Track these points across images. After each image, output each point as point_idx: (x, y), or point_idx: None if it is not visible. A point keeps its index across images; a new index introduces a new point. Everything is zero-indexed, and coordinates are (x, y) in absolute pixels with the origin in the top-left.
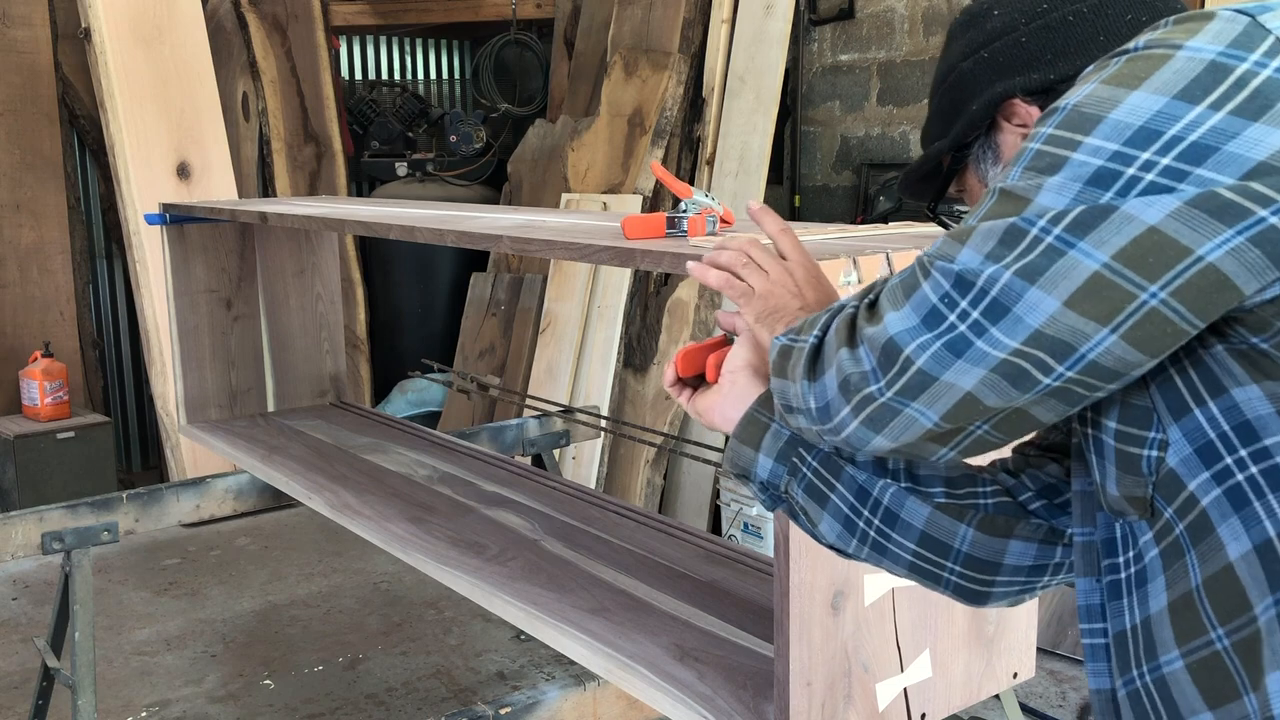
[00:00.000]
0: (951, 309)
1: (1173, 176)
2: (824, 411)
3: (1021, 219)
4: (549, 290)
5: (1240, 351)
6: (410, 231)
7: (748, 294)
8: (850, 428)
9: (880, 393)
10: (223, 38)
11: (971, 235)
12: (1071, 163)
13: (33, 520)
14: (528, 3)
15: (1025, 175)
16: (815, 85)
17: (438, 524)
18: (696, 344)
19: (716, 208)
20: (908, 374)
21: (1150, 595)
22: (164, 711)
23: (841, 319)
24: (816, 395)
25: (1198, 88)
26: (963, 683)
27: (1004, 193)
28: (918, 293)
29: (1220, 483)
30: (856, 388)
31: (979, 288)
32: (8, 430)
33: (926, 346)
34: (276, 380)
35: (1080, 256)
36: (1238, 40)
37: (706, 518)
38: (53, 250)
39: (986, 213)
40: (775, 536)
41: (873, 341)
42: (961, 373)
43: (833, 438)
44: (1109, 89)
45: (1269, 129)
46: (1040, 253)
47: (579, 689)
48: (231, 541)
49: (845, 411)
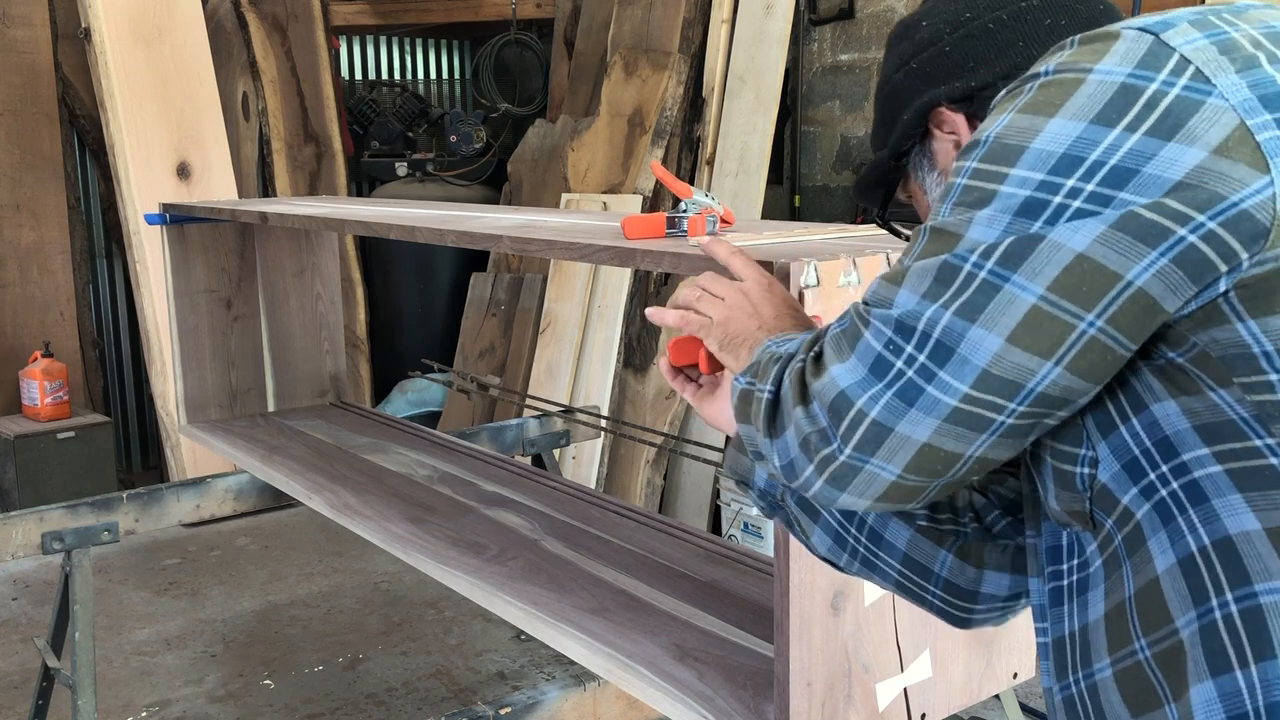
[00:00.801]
0: (897, 355)
1: (1098, 202)
2: (789, 470)
3: (953, 255)
4: (549, 290)
5: (1159, 368)
6: (410, 231)
7: (706, 325)
8: (816, 486)
9: (839, 451)
10: (223, 38)
11: (906, 276)
12: (1000, 195)
13: (33, 520)
14: (528, 3)
15: (955, 211)
16: (815, 85)
17: (438, 524)
18: (687, 335)
19: (716, 208)
20: (861, 428)
21: (1090, 604)
22: (164, 711)
23: (792, 373)
24: (780, 453)
25: (1112, 111)
26: (963, 683)
27: (935, 230)
28: (860, 342)
29: (1148, 498)
30: (816, 448)
31: (921, 331)
32: (8, 430)
33: (878, 398)
34: (276, 380)
35: (1017, 290)
36: (1144, 60)
37: (706, 518)
38: (53, 250)
39: (920, 252)
40: (775, 536)
41: (822, 398)
42: (916, 423)
43: (803, 493)
44: (1027, 118)
45: (1182, 147)
46: (976, 289)
47: (579, 689)
48: (231, 541)
49: (809, 471)
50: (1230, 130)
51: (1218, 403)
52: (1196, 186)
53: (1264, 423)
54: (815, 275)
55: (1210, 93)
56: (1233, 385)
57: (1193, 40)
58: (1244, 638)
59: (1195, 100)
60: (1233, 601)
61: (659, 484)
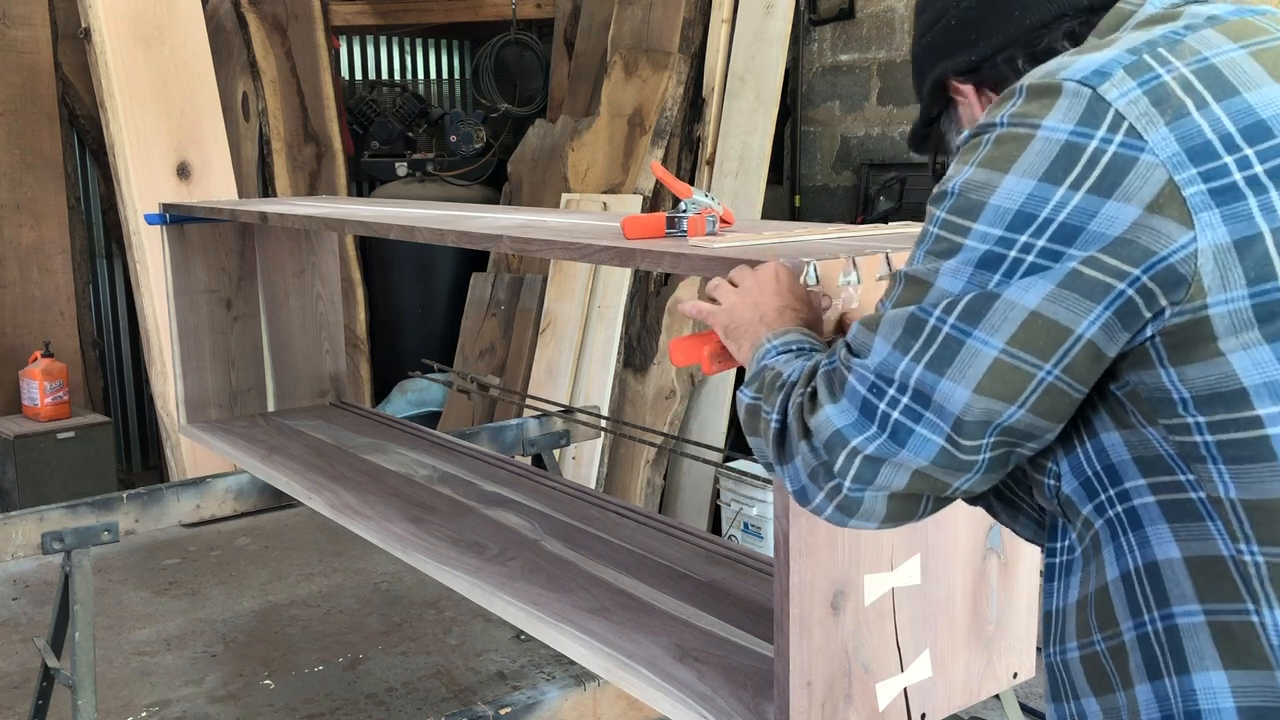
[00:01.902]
0: (880, 398)
1: (1049, 257)
2: (801, 495)
3: (919, 309)
4: (549, 290)
5: (1106, 399)
6: (410, 231)
7: (714, 312)
8: (827, 512)
9: (842, 485)
10: (223, 38)
11: (880, 325)
12: (964, 248)
13: (33, 520)
14: (528, 3)
15: (925, 259)
16: (815, 85)
17: (438, 524)
18: (690, 335)
19: (716, 208)
20: (856, 464)
21: (1070, 588)
22: (164, 711)
23: (794, 407)
24: (790, 479)
25: (1058, 169)
26: (963, 683)
27: (908, 278)
28: (848, 385)
29: (1100, 515)
30: (824, 480)
31: (898, 382)
32: (8, 430)
33: (872, 439)
34: (276, 380)
35: (979, 345)
36: (1084, 117)
37: (706, 518)
38: (53, 250)
39: (896, 299)
40: (775, 536)
41: (819, 435)
42: (908, 460)
43: (817, 516)
44: (985, 173)
45: (1120, 205)
46: (941, 343)
47: (579, 689)
48: (231, 541)
49: (820, 498)
50: (1160, 187)
51: (1149, 438)
52: (1132, 242)
53: (1185, 460)
54: (815, 275)
55: (1143, 149)
56: (1158, 424)
57: (1127, 93)
58: (1168, 652)
59: (1130, 157)
60: (1159, 619)
61: (659, 484)
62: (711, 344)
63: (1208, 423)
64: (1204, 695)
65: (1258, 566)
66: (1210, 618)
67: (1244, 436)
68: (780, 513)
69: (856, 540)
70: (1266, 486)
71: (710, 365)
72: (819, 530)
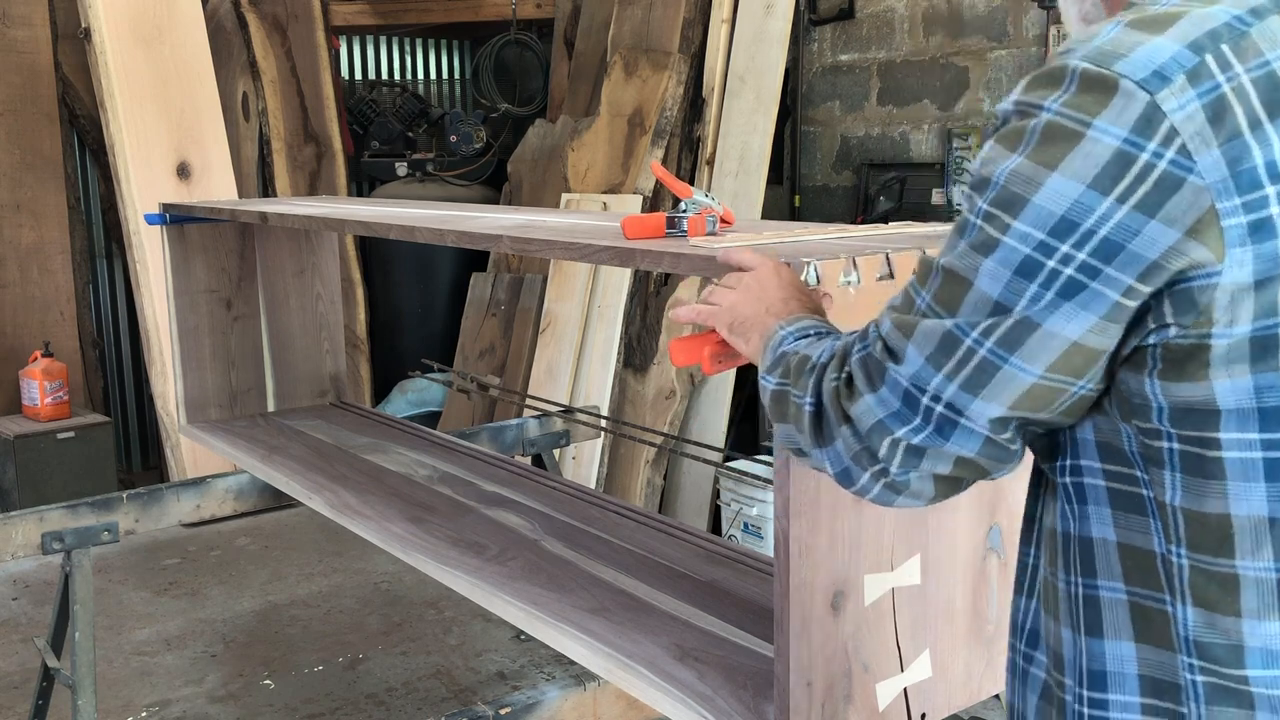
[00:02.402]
0: (922, 395)
1: (1087, 273)
2: (844, 476)
3: (956, 327)
4: (549, 290)
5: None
6: (410, 231)
7: (715, 312)
8: (874, 492)
9: (888, 469)
10: (223, 38)
11: (915, 332)
12: (1003, 246)
13: (33, 520)
14: (528, 3)
15: (966, 254)
16: (815, 85)
17: (438, 524)
18: (690, 335)
19: (716, 208)
20: (901, 451)
21: (1048, 510)
22: (164, 711)
23: (828, 392)
24: (831, 461)
25: (1106, 178)
26: (963, 683)
27: (946, 272)
28: (887, 378)
29: (1054, 474)
30: (868, 464)
31: (932, 394)
32: (8, 430)
33: (917, 430)
34: (276, 380)
35: (1016, 370)
36: (1138, 126)
37: (706, 518)
38: (53, 250)
39: (935, 296)
40: (775, 536)
41: (861, 423)
42: (952, 450)
43: (861, 496)
44: (1031, 166)
45: (1162, 227)
46: (976, 366)
47: (579, 689)
48: (231, 541)
49: (865, 479)
50: (1202, 213)
51: (1120, 430)
52: (1165, 266)
53: (1145, 461)
54: (815, 275)
55: (1191, 169)
56: (1131, 423)
57: (1185, 105)
58: (1081, 616)
59: (1178, 177)
60: (1081, 585)
61: (659, 484)
62: (712, 344)
63: (1177, 434)
64: (1112, 659)
65: (1181, 569)
66: (1131, 598)
67: (1204, 454)
68: (780, 513)
69: (856, 540)
70: (1209, 502)
71: (710, 365)
72: (819, 530)
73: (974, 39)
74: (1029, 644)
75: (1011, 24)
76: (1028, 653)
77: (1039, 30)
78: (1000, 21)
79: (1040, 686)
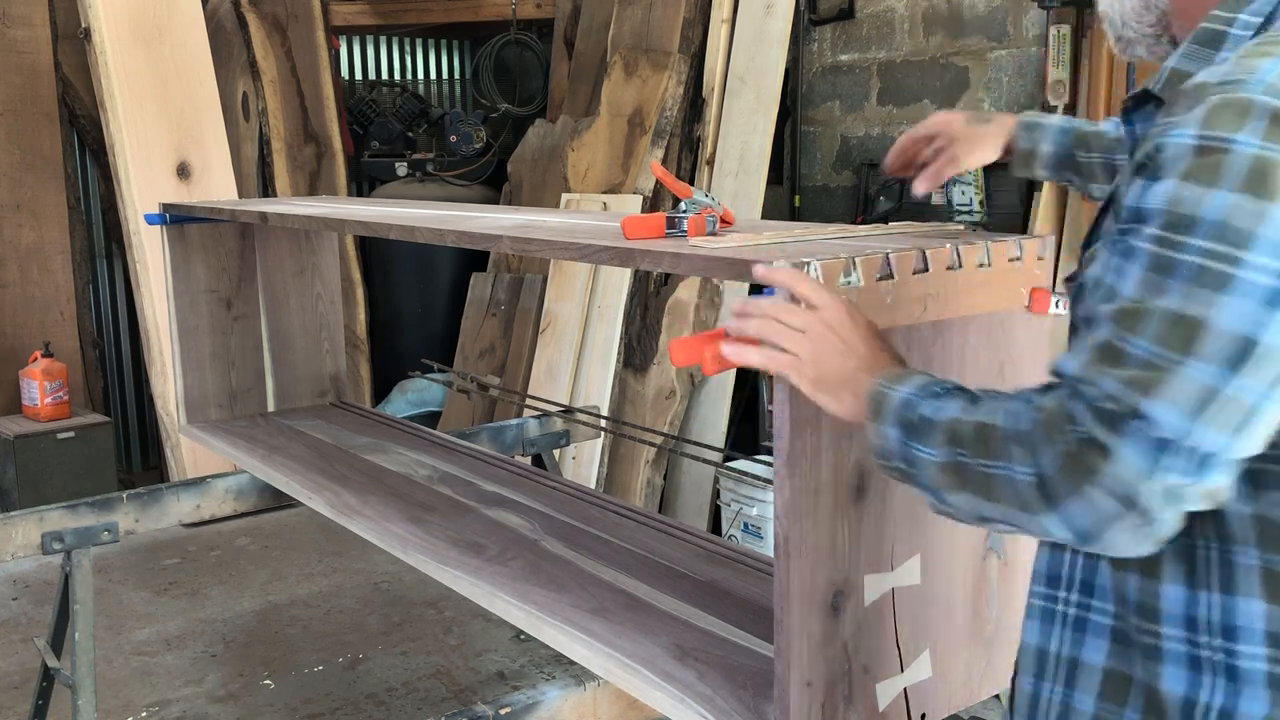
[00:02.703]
0: (1183, 441)
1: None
2: (1087, 536)
3: (1203, 371)
4: (549, 290)
5: None
6: (410, 231)
7: (795, 364)
8: (1122, 542)
9: (1150, 519)
10: (223, 38)
11: (1159, 384)
12: (1240, 281)
13: (33, 520)
14: (528, 3)
15: (1191, 295)
16: (815, 85)
17: (438, 524)
18: (690, 335)
19: (716, 208)
20: (1162, 500)
21: None
22: (164, 711)
23: (1062, 457)
24: (1068, 523)
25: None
26: (963, 683)
27: (1171, 316)
28: (1143, 435)
29: None
30: (1127, 519)
31: (1193, 440)
32: (8, 430)
33: (1183, 475)
34: (276, 380)
35: (1273, 404)
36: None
37: (706, 518)
38: (53, 250)
39: (1158, 340)
40: (775, 536)
41: (1118, 485)
42: (1210, 485)
43: (1106, 551)
44: (1251, 200)
45: None
46: (1235, 405)
47: (579, 689)
48: (231, 541)
49: (1117, 533)
50: None
51: None
52: None
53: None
54: (817, 275)
55: None
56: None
57: None
58: (1215, 575)
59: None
60: (1215, 549)
61: (659, 484)
62: (715, 348)
63: None
64: (1243, 615)
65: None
66: (1263, 564)
67: None
68: (780, 513)
69: (856, 540)
70: None
71: (711, 366)
72: (819, 530)
73: (974, 39)
74: (1083, 593)
75: (1011, 24)
76: (1083, 601)
77: (1039, 30)
78: (1000, 21)
79: (1109, 632)
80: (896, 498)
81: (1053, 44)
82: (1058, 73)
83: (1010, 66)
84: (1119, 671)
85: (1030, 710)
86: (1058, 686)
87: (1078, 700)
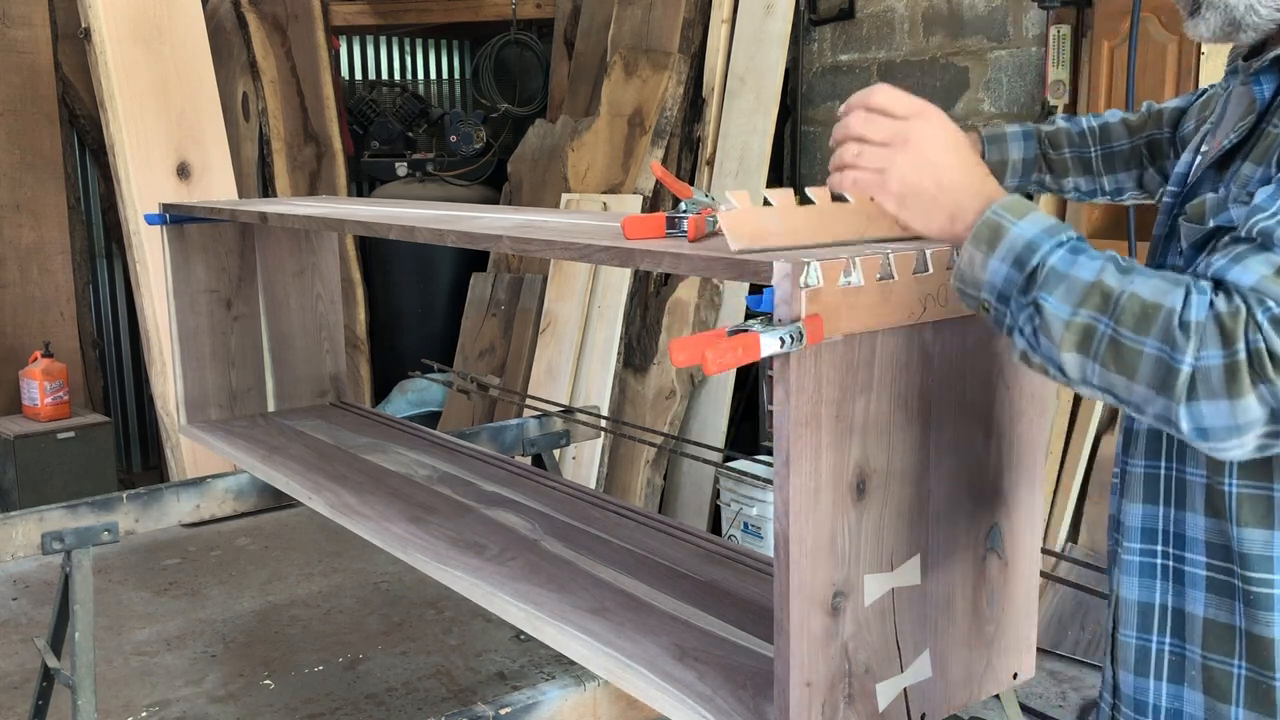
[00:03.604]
0: None
1: None
2: (1204, 433)
3: None
4: (549, 290)
5: None
6: (410, 231)
7: (878, 181)
8: (1249, 448)
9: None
10: (223, 38)
11: None
12: None
13: (33, 520)
14: (528, 3)
15: None
16: (815, 85)
17: (438, 524)
18: (691, 335)
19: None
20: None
21: None
22: (164, 711)
23: (1242, 356)
24: (1197, 416)
25: None
26: (963, 683)
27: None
28: None
29: None
30: (1268, 430)
31: None
32: (8, 430)
33: None
34: (276, 380)
35: None
36: None
37: (706, 518)
38: (53, 250)
39: None
40: (775, 536)
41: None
42: None
43: (1220, 452)
44: None
45: None
46: None
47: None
48: (231, 541)
49: (1252, 438)
50: None
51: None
52: None
53: None
54: (817, 275)
55: None
56: None
57: None
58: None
59: None
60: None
61: (659, 484)
62: (715, 348)
63: None
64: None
65: None
66: None
67: None
68: (780, 513)
69: (856, 540)
70: None
71: (711, 365)
72: (819, 530)
73: (974, 39)
74: (1176, 546)
75: (1011, 24)
76: (1177, 554)
77: (1039, 30)
78: (1000, 21)
79: (1203, 582)
80: (896, 498)
81: (1053, 44)
82: (1058, 73)
83: (1010, 66)
84: (1219, 622)
85: (1139, 663)
86: (1166, 638)
87: (1189, 651)
